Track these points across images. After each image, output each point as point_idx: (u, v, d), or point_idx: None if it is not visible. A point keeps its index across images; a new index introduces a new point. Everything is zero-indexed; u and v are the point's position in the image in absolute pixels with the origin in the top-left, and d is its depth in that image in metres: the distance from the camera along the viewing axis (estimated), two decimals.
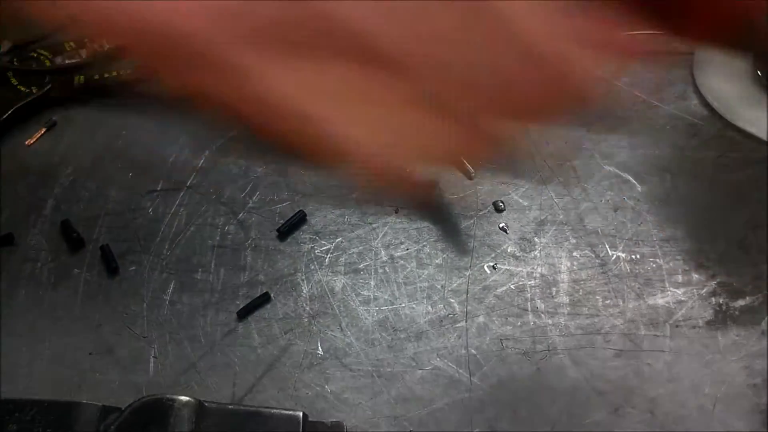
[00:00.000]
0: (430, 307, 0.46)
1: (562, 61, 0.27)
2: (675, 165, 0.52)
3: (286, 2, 0.25)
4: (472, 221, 0.50)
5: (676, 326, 0.45)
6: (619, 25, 0.28)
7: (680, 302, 0.46)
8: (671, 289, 0.46)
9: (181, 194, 0.52)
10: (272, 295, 0.47)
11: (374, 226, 0.50)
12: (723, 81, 0.56)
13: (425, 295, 0.47)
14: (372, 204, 0.51)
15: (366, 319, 0.46)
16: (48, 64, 0.58)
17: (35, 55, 0.59)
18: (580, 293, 0.46)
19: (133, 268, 0.49)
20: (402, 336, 0.45)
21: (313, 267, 0.48)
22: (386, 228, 0.50)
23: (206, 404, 0.40)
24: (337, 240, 0.49)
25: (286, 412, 0.40)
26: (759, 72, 0.55)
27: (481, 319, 0.46)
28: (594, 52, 0.27)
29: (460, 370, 0.44)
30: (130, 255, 0.49)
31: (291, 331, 0.46)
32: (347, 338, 0.45)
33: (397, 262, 0.48)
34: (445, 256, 0.48)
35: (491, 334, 0.45)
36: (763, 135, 0.53)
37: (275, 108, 0.26)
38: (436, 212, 0.51)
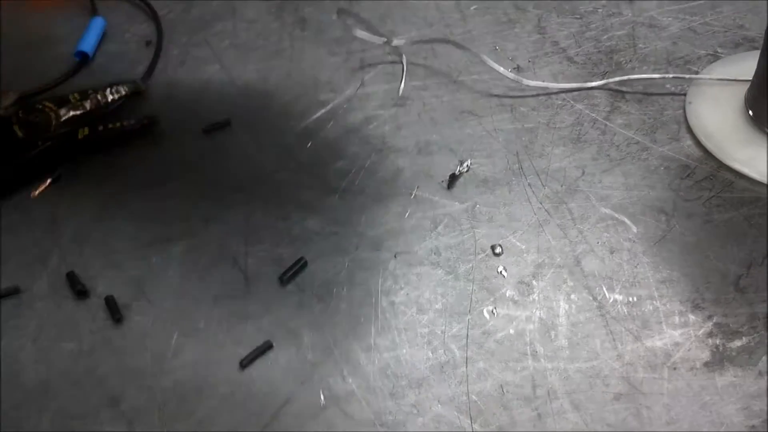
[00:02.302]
0: (430, 353, 0.47)
1: None
2: (669, 206, 0.53)
3: None
4: (470, 265, 0.51)
5: (674, 368, 0.45)
6: None
7: (677, 344, 0.46)
8: (668, 330, 0.47)
9: (184, 244, 0.53)
10: (274, 343, 0.48)
11: (373, 272, 0.51)
12: (715, 121, 0.57)
13: (426, 341, 0.47)
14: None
15: (367, 366, 0.46)
16: (53, 116, 0.59)
17: (40, 107, 0.60)
18: (579, 336, 0.47)
19: (137, 318, 0.49)
20: (403, 383, 0.46)
21: (314, 314, 0.49)
22: (386, 273, 0.51)
23: None
24: (338, 287, 0.50)
25: None
26: (750, 112, 0.56)
27: (481, 364, 0.46)
28: None
29: (461, 417, 0.44)
30: (134, 305, 0.50)
31: (293, 380, 0.46)
32: (349, 386, 0.46)
33: (397, 308, 0.49)
34: (444, 301, 0.49)
35: (492, 379, 0.45)
36: (755, 174, 0.54)
37: None
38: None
